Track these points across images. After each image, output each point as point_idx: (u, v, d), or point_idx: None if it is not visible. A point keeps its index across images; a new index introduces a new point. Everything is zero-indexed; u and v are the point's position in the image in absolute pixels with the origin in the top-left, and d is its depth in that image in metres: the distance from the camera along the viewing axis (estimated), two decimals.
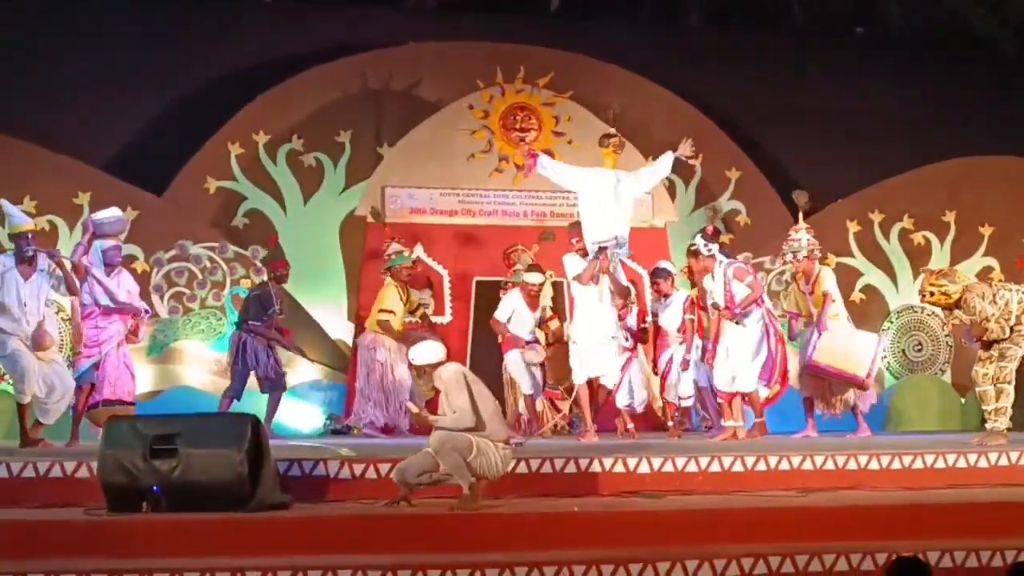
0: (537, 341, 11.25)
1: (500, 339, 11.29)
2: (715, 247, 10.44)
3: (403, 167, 12.71)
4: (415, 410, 7.75)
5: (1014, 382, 9.66)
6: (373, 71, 13.09)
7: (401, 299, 11.34)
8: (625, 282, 10.48)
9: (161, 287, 12.23)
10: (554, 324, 11.41)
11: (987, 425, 9.66)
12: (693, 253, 10.42)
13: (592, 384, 10.55)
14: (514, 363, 11.21)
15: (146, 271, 12.15)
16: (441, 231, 12.62)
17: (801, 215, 11.05)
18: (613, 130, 10.70)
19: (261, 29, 13.15)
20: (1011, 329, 9.54)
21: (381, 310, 11.29)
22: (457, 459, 7.19)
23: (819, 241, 10.93)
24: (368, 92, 13.08)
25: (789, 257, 10.92)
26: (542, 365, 11.22)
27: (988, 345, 9.64)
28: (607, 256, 10.21)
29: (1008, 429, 9.60)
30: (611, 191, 10.33)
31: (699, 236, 10.46)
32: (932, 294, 9.67)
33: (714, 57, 13.92)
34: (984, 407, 9.72)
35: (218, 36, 13.02)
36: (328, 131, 12.91)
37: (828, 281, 10.77)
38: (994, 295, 9.57)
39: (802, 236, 10.83)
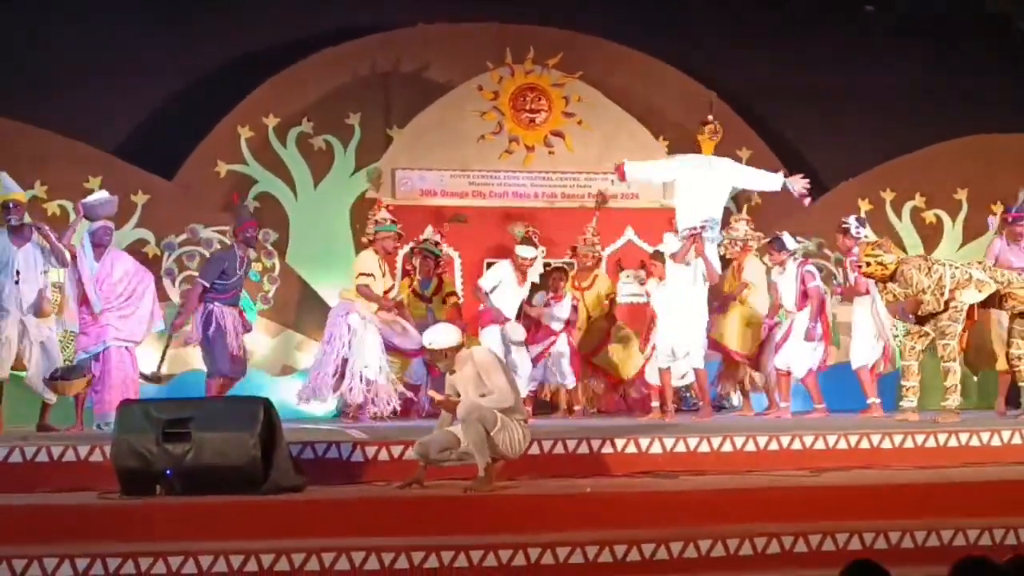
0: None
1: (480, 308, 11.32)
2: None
3: (413, 149, 12.69)
4: (439, 397, 7.61)
5: (959, 359, 9.68)
6: (382, 53, 13.06)
7: (381, 268, 10.75)
8: (718, 267, 10.52)
9: (172, 271, 12.25)
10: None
11: (903, 402, 9.74)
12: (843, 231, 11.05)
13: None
14: (491, 340, 11.06)
15: (157, 255, 12.18)
16: (452, 213, 12.58)
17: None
18: (710, 117, 10.98)
19: (269, 12, 13.11)
20: (945, 303, 9.52)
21: (359, 274, 10.63)
22: (480, 432, 7.18)
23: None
24: (377, 74, 13.06)
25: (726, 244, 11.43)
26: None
27: (923, 320, 9.64)
28: (702, 239, 10.35)
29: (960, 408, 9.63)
30: (703, 176, 10.57)
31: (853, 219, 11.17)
32: (869, 264, 9.65)
33: (724, 35, 13.86)
34: (903, 382, 9.82)
35: (227, 19, 12.98)
36: (338, 114, 12.89)
37: (751, 271, 11.42)
38: (929, 268, 9.56)
39: (741, 227, 11.60)
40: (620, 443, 8.05)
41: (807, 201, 10.90)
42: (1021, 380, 10.12)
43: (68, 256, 9.74)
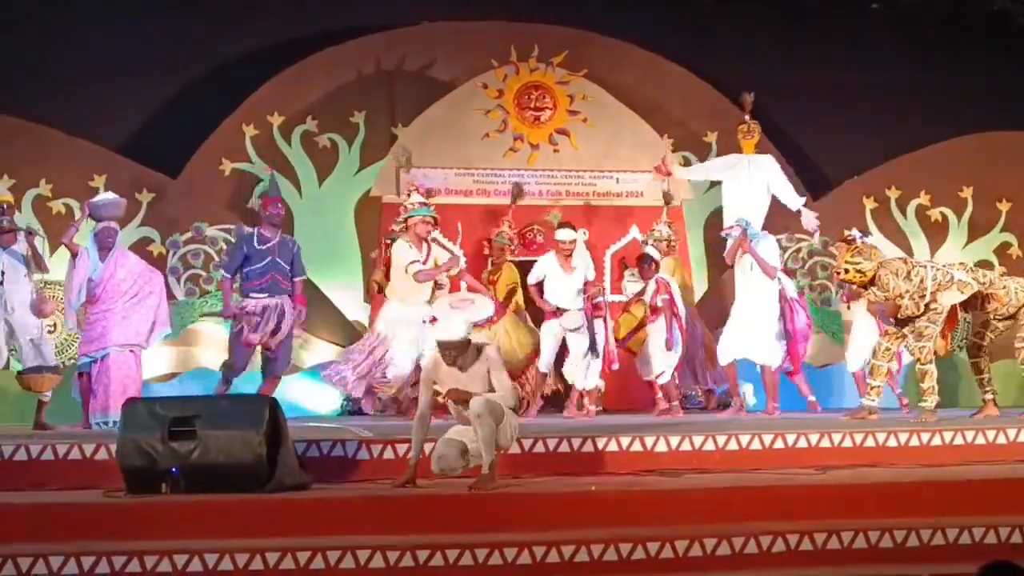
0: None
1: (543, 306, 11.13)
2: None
3: (418, 147, 12.64)
4: (443, 390, 7.59)
5: (935, 360, 9.71)
6: (387, 51, 13.06)
7: (417, 259, 10.54)
8: (774, 262, 10.79)
9: (177, 269, 12.25)
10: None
11: (863, 400, 9.82)
12: None
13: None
14: (547, 334, 10.98)
15: (162, 253, 12.18)
16: (456, 211, 12.59)
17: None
18: (746, 116, 11.39)
19: (274, 10, 13.12)
20: (925, 306, 9.51)
21: (409, 263, 10.50)
22: (492, 426, 7.21)
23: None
24: (382, 72, 13.06)
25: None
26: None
27: (903, 323, 9.64)
28: (745, 237, 10.69)
29: (938, 406, 9.62)
30: (743, 176, 11.11)
31: None
32: (847, 271, 9.64)
33: (729, 33, 13.85)
34: (870, 380, 9.87)
35: (231, 17, 12.99)
36: (342, 112, 12.89)
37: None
38: (908, 272, 9.55)
39: (664, 229, 11.75)
40: (625, 441, 8.05)
41: (816, 235, 11.57)
42: (977, 372, 10.24)
43: (47, 263, 9.90)
